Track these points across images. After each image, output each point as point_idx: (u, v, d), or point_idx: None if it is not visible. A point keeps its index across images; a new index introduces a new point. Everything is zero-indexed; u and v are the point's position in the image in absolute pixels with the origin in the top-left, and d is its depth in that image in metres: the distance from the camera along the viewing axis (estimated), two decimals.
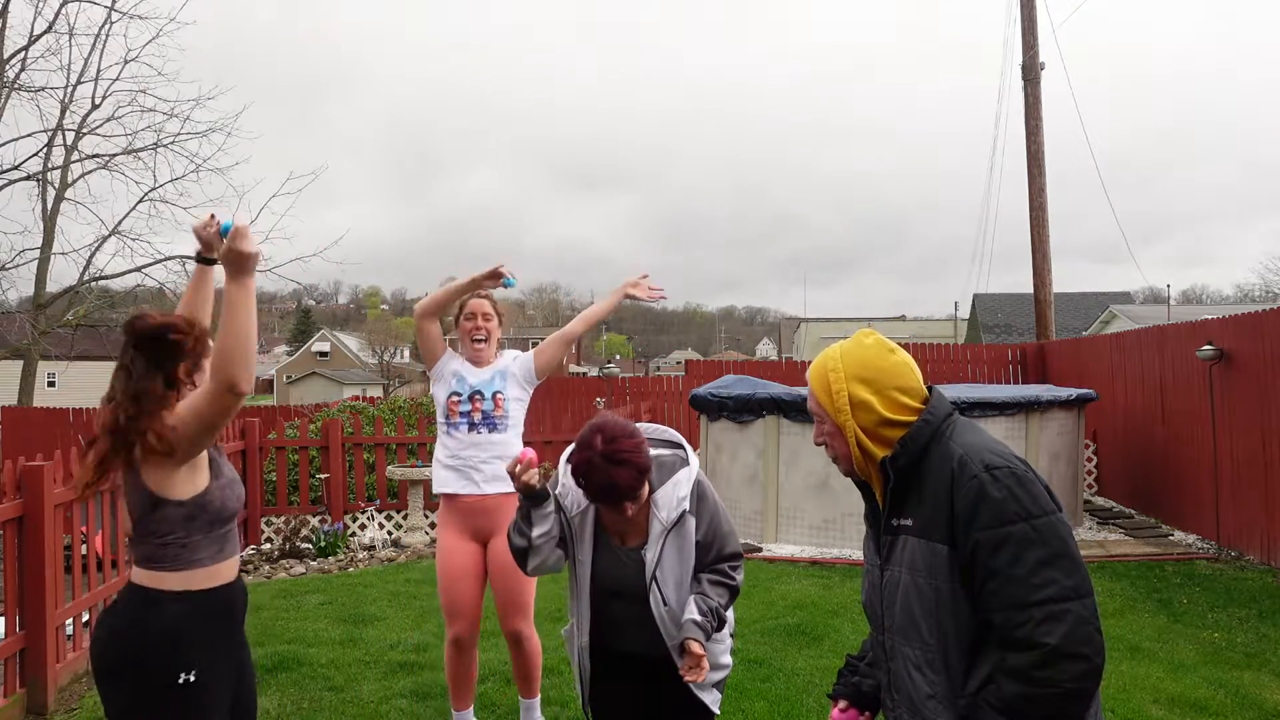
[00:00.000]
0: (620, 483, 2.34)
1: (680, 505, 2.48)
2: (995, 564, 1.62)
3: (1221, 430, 7.72)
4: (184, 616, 2.33)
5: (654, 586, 2.48)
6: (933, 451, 1.75)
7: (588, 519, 2.56)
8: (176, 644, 2.31)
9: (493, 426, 3.68)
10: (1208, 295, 64.98)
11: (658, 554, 2.48)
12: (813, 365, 1.87)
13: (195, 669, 2.31)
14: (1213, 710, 4.19)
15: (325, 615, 5.95)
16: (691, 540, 2.49)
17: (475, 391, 3.69)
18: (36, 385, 18.37)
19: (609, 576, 2.56)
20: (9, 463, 4.46)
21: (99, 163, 16.82)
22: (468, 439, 3.66)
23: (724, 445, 8.60)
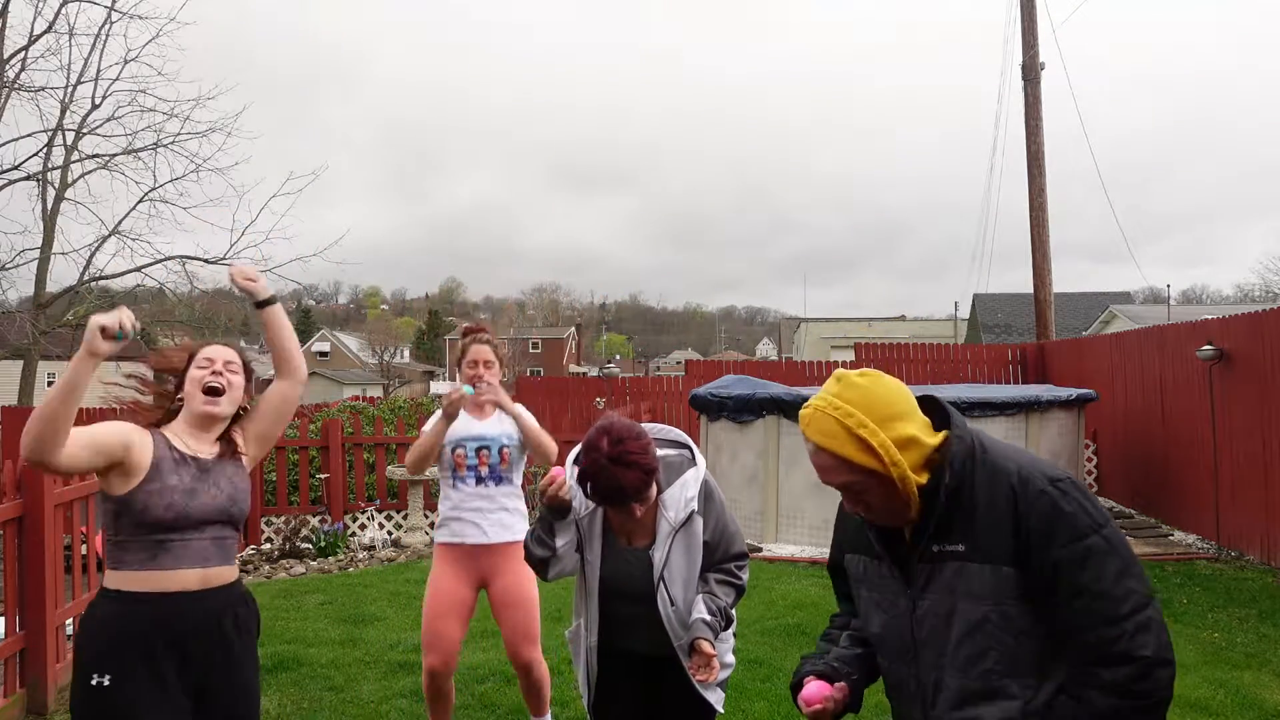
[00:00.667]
0: (627, 485, 2.33)
1: (688, 506, 2.49)
2: (1082, 580, 1.56)
3: (1221, 430, 7.72)
4: (110, 617, 2.36)
5: (661, 587, 2.49)
6: (974, 469, 1.66)
7: (596, 519, 2.57)
8: (93, 643, 2.34)
9: (499, 479, 3.69)
10: (1208, 295, 65.03)
11: (665, 554, 2.49)
12: (819, 429, 1.65)
13: (110, 675, 2.29)
14: (1213, 710, 4.19)
15: (325, 615, 5.95)
16: (699, 540, 2.51)
17: (482, 446, 3.69)
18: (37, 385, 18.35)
19: (616, 577, 2.56)
20: (9, 463, 4.46)
21: (99, 163, 16.81)
22: (474, 491, 3.67)
23: (724, 445, 8.60)
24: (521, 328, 78.38)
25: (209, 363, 2.56)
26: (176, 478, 2.43)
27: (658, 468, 2.41)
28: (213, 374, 2.53)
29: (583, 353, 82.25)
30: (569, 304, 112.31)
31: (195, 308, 18.37)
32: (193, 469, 2.47)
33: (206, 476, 2.49)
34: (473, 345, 3.76)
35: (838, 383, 1.68)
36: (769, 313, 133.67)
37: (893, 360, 13.76)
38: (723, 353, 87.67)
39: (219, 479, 2.52)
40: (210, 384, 2.53)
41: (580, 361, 76.64)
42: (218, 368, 2.55)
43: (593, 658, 2.64)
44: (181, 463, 2.46)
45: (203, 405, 2.52)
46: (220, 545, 2.51)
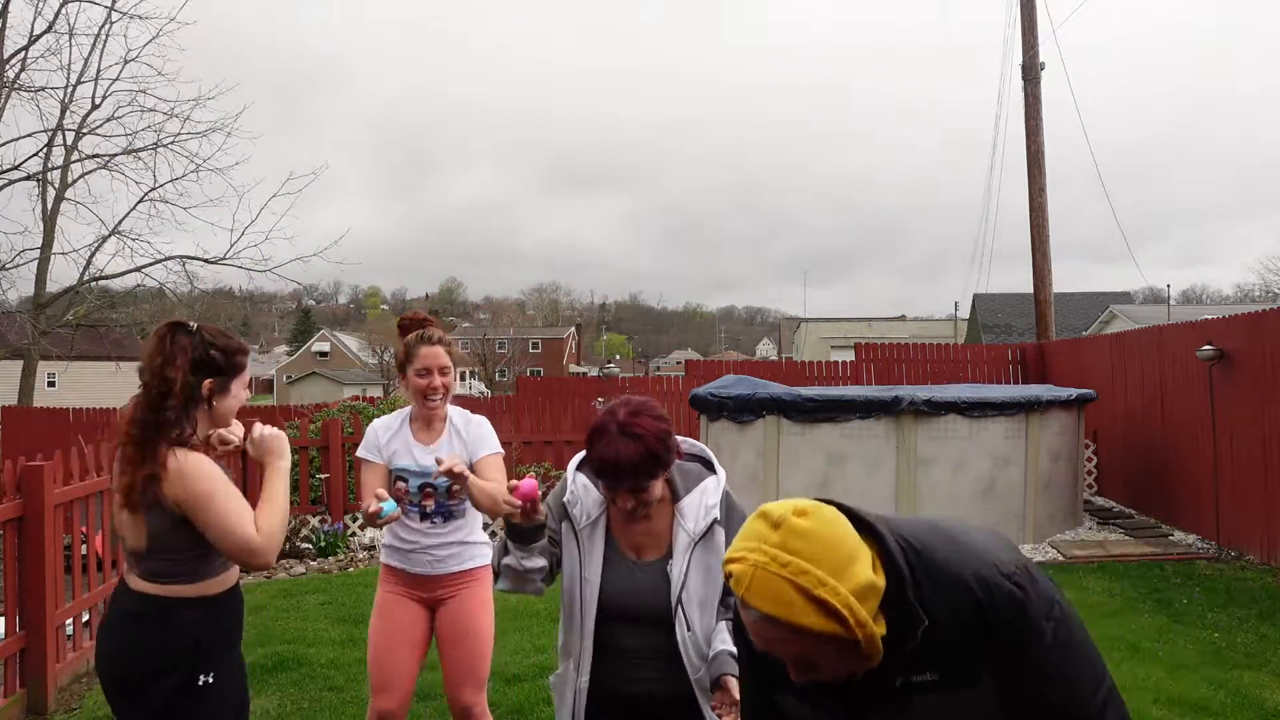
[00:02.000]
0: (624, 459, 2.04)
1: (710, 514, 2.20)
2: (1052, 674, 1.46)
3: (1222, 430, 7.72)
4: (202, 622, 2.40)
5: (679, 609, 2.17)
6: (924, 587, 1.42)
7: (598, 530, 2.24)
8: (197, 648, 2.37)
9: (448, 514, 3.15)
10: (1208, 295, 65.04)
11: (684, 570, 2.17)
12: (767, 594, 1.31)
13: (213, 671, 2.39)
14: (1213, 710, 4.19)
15: (325, 615, 5.95)
16: (721, 556, 2.15)
17: (425, 483, 3.11)
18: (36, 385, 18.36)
19: (623, 596, 2.21)
20: (9, 463, 4.46)
21: (99, 163, 16.83)
22: (419, 528, 3.14)
23: (724, 445, 8.60)
24: (521, 328, 78.41)
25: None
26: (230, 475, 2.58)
27: (669, 459, 2.13)
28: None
29: (583, 353, 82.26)
30: (569, 304, 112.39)
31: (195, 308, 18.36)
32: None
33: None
34: (421, 348, 3.10)
35: (774, 528, 1.33)
36: (769, 313, 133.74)
37: (893, 360, 13.76)
38: (723, 353, 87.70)
39: None
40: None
41: (580, 361, 76.66)
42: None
43: (581, 702, 2.24)
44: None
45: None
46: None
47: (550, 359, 72.56)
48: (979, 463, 7.80)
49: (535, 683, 4.55)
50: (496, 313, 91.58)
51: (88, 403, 18.81)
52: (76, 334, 18.04)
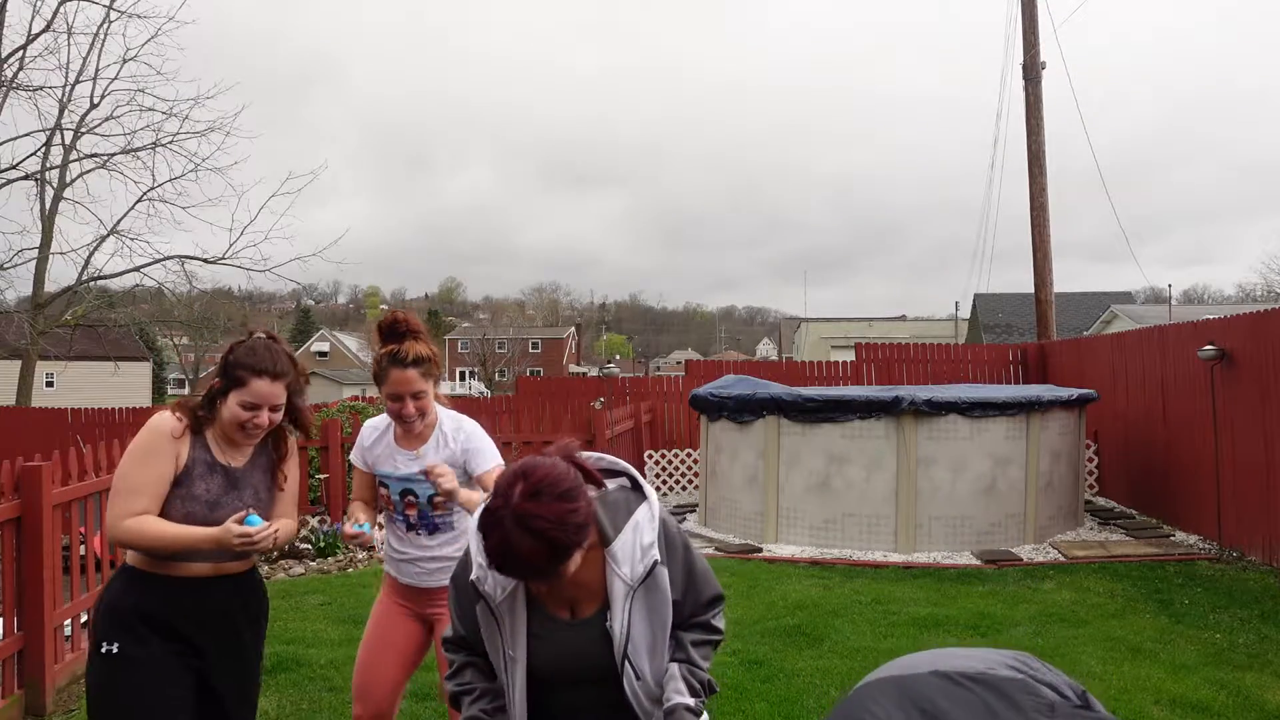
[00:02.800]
0: (522, 557, 1.75)
1: (648, 555, 1.92)
2: None
3: (1223, 431, 7.71)
4: (125, 591, 2.48)
5: (626, 663, 1.95)
6: None
7: (517, 602, 1.95)
8: (109, 615, 2.47)
9: (434, 527, 2.98)
10: (1209, 295, 65.02)
11: (626, 622, 1.92)
12: None
13: (119, 642, 2.43)
14: (1214, 711, 4.17)
15: (325, 616, 5.94)
16: (666, 596, 1.94)
17: (406, 489, 2.96)
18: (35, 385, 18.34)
19: (558, 659, 1.97)
20: (7, 463, 4.44)
21: (97, 162, 16.83)
22: (408, 539, 3.02)
23: (724, 445, 8.59)
24: (521, 328, 78.36)
25: (253, 407, 2.49)
26: (204, 486, 2.50)
27: (577, 541, 1.80)
28: (254, 424, 2.51)
29: (583, 353, 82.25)
30: (569, 304, 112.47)
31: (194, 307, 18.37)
32: (221, 478, 2.53)
33: (233, 488, 2.55)
34: (392, 371, 2.83)
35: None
36: (769, 313, 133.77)
37: (893, 360, 13.75)
38: (723, 353, 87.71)
39: (244, 490, 2.57)
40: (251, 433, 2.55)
41: (580, 361, 76.65)
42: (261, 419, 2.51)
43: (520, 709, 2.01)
44: (212, 470, 2.53)
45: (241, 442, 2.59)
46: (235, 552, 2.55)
47: (550, 359, 72.55)
48: (980, 463, 7.79)
49: None
50: (496, 313, 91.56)
51: (86, 403, 18.78)
52: (75, 334, 18.04)
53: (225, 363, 2.52)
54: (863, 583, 6.59)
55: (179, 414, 2.53)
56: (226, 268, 16.83)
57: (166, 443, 2.47)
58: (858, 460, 7.81)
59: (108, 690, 2.43)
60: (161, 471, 2.45)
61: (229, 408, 2.49)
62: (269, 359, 2.50)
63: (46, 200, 16.82)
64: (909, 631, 5.43)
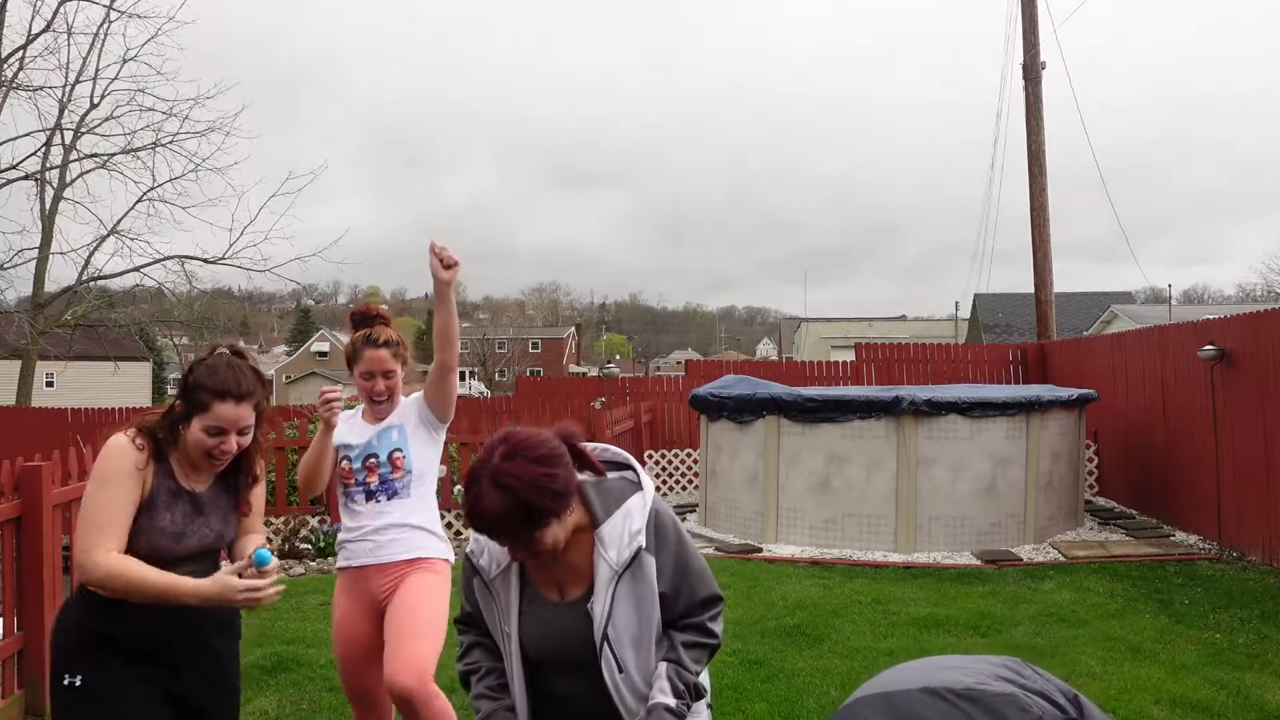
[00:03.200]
0: (491, 513, 1.81)
1: (634, 541, 1.94)
2: None
3: (1223, 431, 7.71)
4: (83, 618, 2.31)
5: (605, 648, 1.94)
6: None
7: (510, 577, 2.01)
8: (66, 643, 2.32)
9: (393, 492, 3.07)
10: (1209, 295, 65.03)
11: (608, 605, 1.93)
12: None
13: (81, 674, 2.26)
14: (1214, 711, 4.17)
15: (325, 616, 5.93)
16: (652, 586, 1.95)
17: (369, 454, 3.08)
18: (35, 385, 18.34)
19: (545, 642, 1.99)
20: (7, 463, 4.44)
21: (97, 162, 16.83)
22: (366, 510, 3.07)
23: (724, 445, 8.59)
24: (521, 328, 78.37)
25: (219, 432, 2.32)
26: (169, 517, 2.33)
27: (551, 507, 1.84)
28: (221, 451, 2.33)
29: (583, 353, 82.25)
30: (569, 304, 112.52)
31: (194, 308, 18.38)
32: (186, 505, 2.37)
33: (198, 514, 2.39)
34: (366, 350, 3.08)
35: None
36: (769, 313, 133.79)
37: (893, 360, 13.75)
38: (723, 353, 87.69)
39: (211, 515, 2.42)
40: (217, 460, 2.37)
41: (580, 361, 76.64)
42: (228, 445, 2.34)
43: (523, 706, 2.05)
44: (177, 497, 2.36)
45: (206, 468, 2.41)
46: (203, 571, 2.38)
47: (550, 359, 72.54)
48: (980, 463, 7.79)
49: None
50: (496, 312, 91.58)
51: (86, 403, 18.79)
52: (75, 334, 18.04)
53: (185, 384, 2.34)
54: (863, 583, 6.59)
55: (139, 440, 2.33)
56: (226, 268, 16.84)
57: (131, 469, 2.29)
58: (858, 460, 7.81)
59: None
60: (132, 498, 2.28)
61: (193, 434, 2.31)
62: (232, 379, 2.31)
63: (46, 200, 16.83)
64: (909, 631, 5.43)
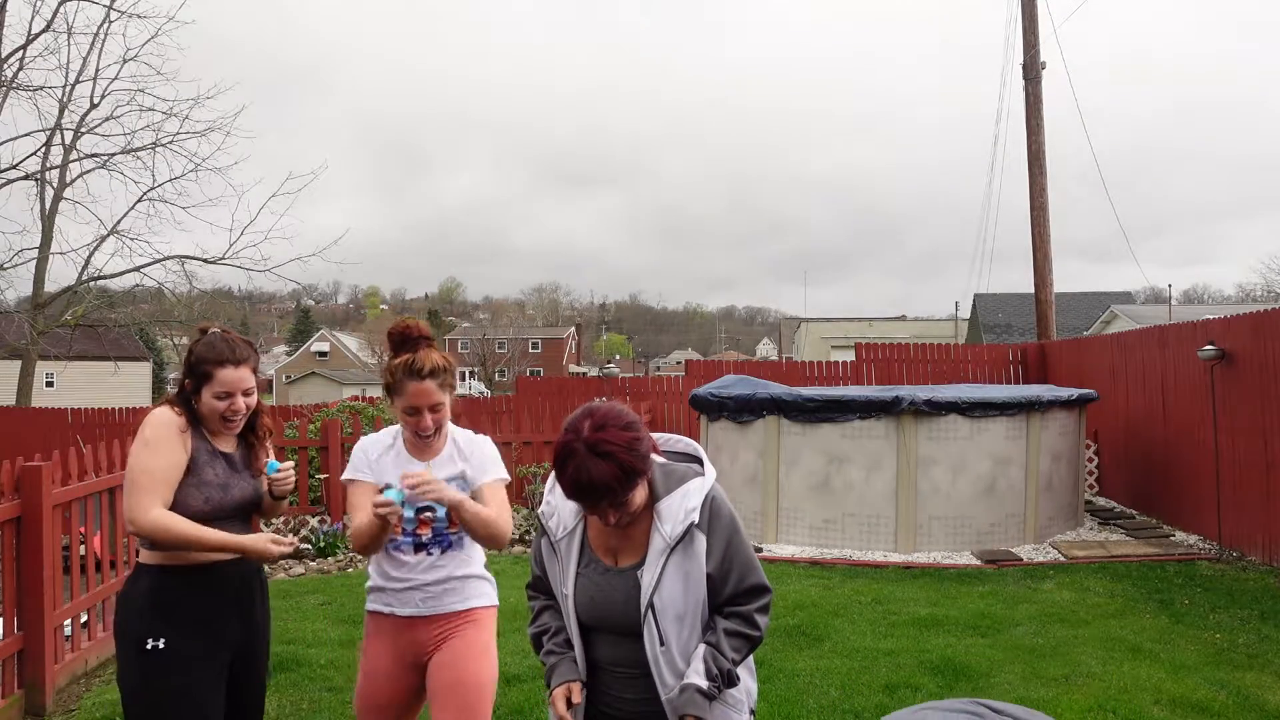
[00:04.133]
0: (597, 479, 1.94)
1: (688, 518, 2.04)
2: None
3: (1223, 430, 7.71)
4: (157, 589, 2.56)
5: (650, 616, 2.03)
6: None
7: (574, 540, 2.15)
8: (146, 612, 2.53)
9: (447, 545, 2.76)
10: (1209, 295, 65.04)
11: (657, 575, 2.03)
12: None
13: (164, 637, 2.51)
14: (1214, 711, 4.17)
15: (325, 615, 5.94)
16: (701, 564, 2.04)
17: (424, 508, 2.71)
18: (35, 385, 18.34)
19: (593, 602, 2.11)
20: (7, 463, 4.44)
21: (97, 162, 16.84)
22: (414, 561, 2.73)
23: (724, 445, 8.59)
24: (521, 328, 78.36)
25: (227, 396, 2.64)
26: (212, 472, 2.63)
27: (643, 468, 1.99)
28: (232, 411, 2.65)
29: (583, 353, 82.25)
30: (569, 304, 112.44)
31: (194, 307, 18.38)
32: (223, 463, 2.68)
33: (236, 470, 2.70)
34: (410, 384, 2.65)
35: None
36: (769, 313, 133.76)
37: (893, 360, 13.75)
38: (723, 353, 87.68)
39: (244, 472, 2.73)
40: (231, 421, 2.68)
41: (580, 361, 76.64)
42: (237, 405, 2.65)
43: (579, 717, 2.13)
44: (215, 457, 2.66)
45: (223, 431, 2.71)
46: (247, 525, 2.75)
47: (550, 359, 72.54)
48: (980, 463, 7.79)
49: (535, 683, 4.54)
50: (496, 313, 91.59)
51: (86, 403, 18.78)
52: (75, 334, 18.03)
53: (189, 364, 2.66)
54: (863, 583, 6.59)
55: (177, 409, 2.64)
56: (227, 268, 16.87)
57: (176, 433, 2.58)
58: (858, 460, 7.81)
59: (158, 684, 2.49)
60: (177, 460, 2.56)
61: (205, 403, 2.63)
62: (227, 349, 2.64)
63: (46, 200, 16.83)
64: (909, 631, 5.43)
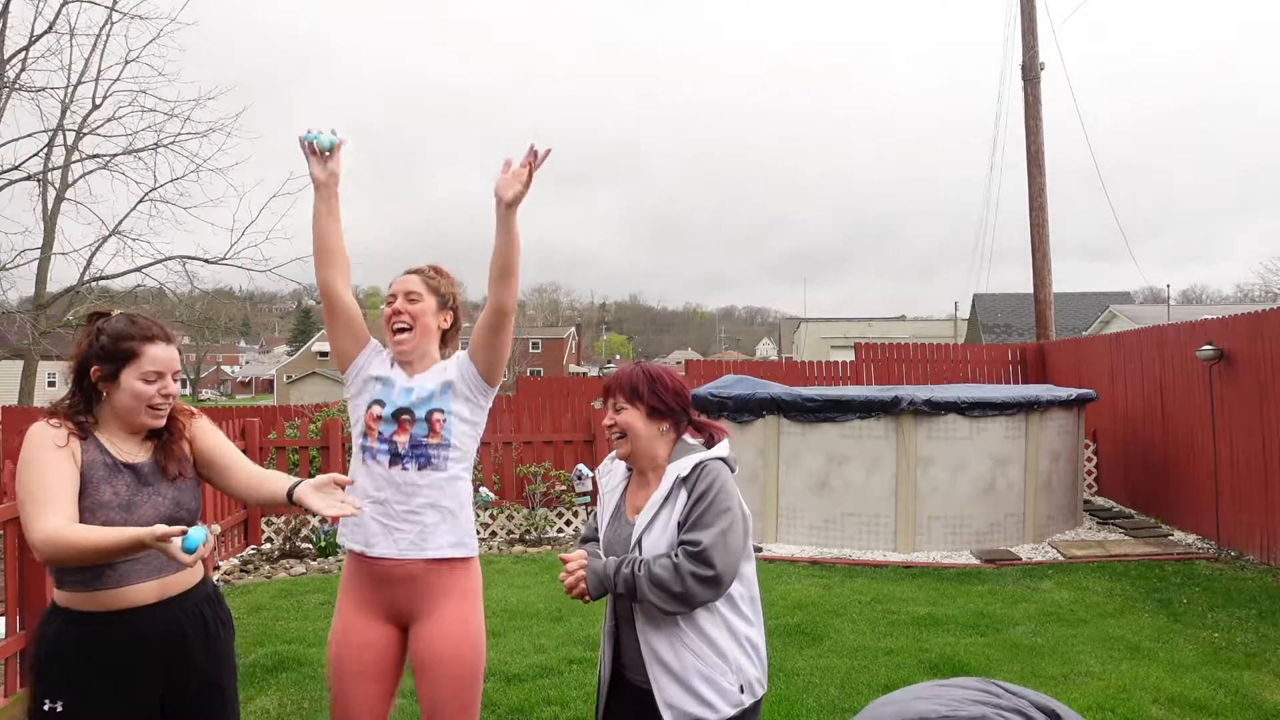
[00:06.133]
0: (623, 374, 2.42)
1: (677, 474, 2.33)
2: None
3: (1221, 430, 7.72)
4: (59, 639, 2.18)
5: (637, 551, 2.32)
6: None
7: (615, 496, 2.53)
8: (46, 667, 2.18)
9: (425, 461, 2.56)
10: (1208, 295, 65.01)
11: (647, 521, 2.33)
12: None
13: (64, 699, 2.14)
14: (1213, 710, 4.19)
15: (325, 615, 5.95)
16: (675, 516, 2.29)
17: (403, 410, 2.57)
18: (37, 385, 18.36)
19: (609, 548, 2.44)
20: (8, 462, 4.46)
21: (99, 163, 16.86)
22: (387, 475, 2.55)
23: None
24: (521, 328, 78.35)
25: (157, 376, 2.25)
26: (110, 490, 2.20)
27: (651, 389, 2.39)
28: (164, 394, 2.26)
29: (583, 353, 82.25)
30: (569, 304, 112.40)
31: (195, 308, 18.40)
32: (128, 477, 2.25)
33: (145, 484, 2.27)
34: (396, 280, 2.73)
35: None
36: (769, 313, 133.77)
37: (893, 360, 13.76)
38: (723, 353, 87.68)
39: (159, 484, 2.29)
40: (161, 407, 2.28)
41: (580, 361, 76.65)
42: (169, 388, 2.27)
43: (608, 645, 2.42)
44: (115, 471, 2.23)
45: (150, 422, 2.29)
46: None
47: (550, 359, 72.54)
48: (979, 463, 7.80)
49: (535, 683, 4.55)
50: None
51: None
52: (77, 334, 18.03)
53: (99, 347, 2.23)
54: (862, 582, 6.61)
55: (54, 420, 2.23)
56: (228, 268, 16.87)
57: (52, 445, 2.17)
58: (857, 460, 7.82)
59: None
60: (67, 470, 2.15)
61: (126, 390, 2.22)
62: (154, 325, 2.28)
63: (49, 201, 16.85)
64: (909, 631, 5.44)
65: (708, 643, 2.23)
